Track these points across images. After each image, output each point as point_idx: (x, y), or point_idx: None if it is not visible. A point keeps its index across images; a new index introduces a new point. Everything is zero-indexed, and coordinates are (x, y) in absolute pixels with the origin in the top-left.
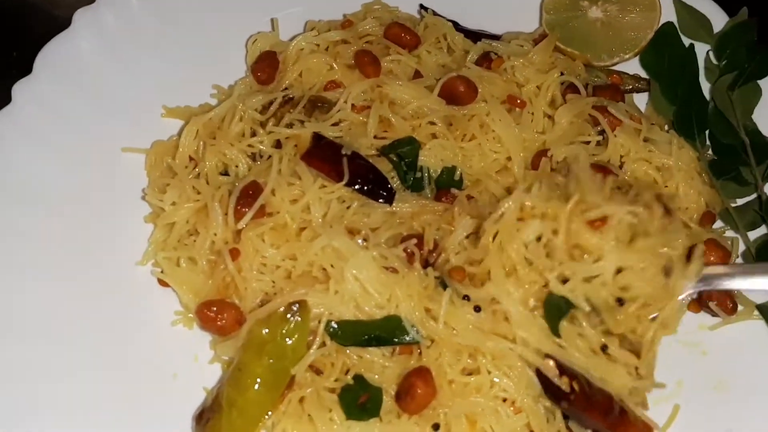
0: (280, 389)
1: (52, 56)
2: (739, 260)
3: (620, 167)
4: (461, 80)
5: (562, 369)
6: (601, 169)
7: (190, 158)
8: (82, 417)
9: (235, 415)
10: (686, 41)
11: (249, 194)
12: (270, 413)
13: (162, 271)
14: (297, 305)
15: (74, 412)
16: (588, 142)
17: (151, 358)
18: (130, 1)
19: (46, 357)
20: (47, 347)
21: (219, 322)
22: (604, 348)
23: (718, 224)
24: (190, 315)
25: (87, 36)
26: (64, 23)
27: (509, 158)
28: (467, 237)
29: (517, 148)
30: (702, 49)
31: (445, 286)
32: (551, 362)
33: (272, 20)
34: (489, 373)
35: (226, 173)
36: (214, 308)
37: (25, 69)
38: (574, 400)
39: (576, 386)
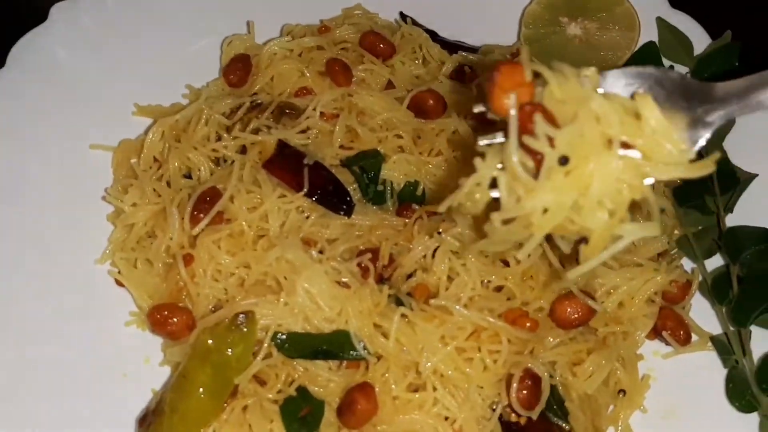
0: (223, 398)
1: (26, 50)
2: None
3: None
4: (430, 94)
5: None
6: None
7: (155, 159)
8: (27, 409)
9: (177, 421)
10: (666, 63)
11: (206, 200)
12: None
13: (119, 272)
14: (244, 316)
15: (21, 403)
16: None
17: (102, 355)
18: None
19: None
20: None
21: (169, 327)
22: None
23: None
24: (144, 317)
25: (63, 31)
26: (41, 17)
27: None
28: (424, 257)
29: None
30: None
31: (399, 303)
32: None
33: (248, 23)
34: (434, 390)
35: (190, 176)
36: (166, 312)
37: (1, 62)
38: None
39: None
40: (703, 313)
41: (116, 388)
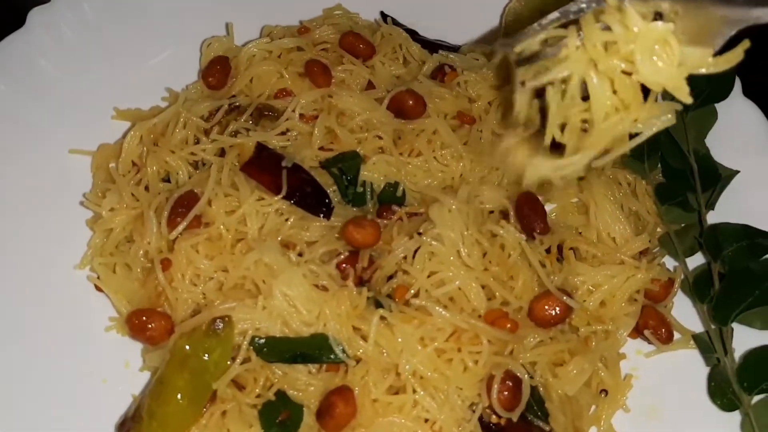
0: (202, 403)
1: (3, 54)
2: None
3: None
4: (410, 94)
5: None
6: None
7: (134, 163)
8: (6, 414)
9: (155, 427)
10: None
11: (184, 204)
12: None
13: (98, 277)
14: (221, 321)
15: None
16: None
17: (82, 361)
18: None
19: None
20: None
21: (148, 332)
22: None
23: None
24: (124, 321)
25: (41, 35)
26: (19, 19)
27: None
28: (404, 258)
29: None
30: None
31: (378, 305)
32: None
33: (227, 24)
34: (414, 392)
35: (169, 180)
36: (144, 317)
37: None
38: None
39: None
40: (685, 311)
41: (96, 393)
